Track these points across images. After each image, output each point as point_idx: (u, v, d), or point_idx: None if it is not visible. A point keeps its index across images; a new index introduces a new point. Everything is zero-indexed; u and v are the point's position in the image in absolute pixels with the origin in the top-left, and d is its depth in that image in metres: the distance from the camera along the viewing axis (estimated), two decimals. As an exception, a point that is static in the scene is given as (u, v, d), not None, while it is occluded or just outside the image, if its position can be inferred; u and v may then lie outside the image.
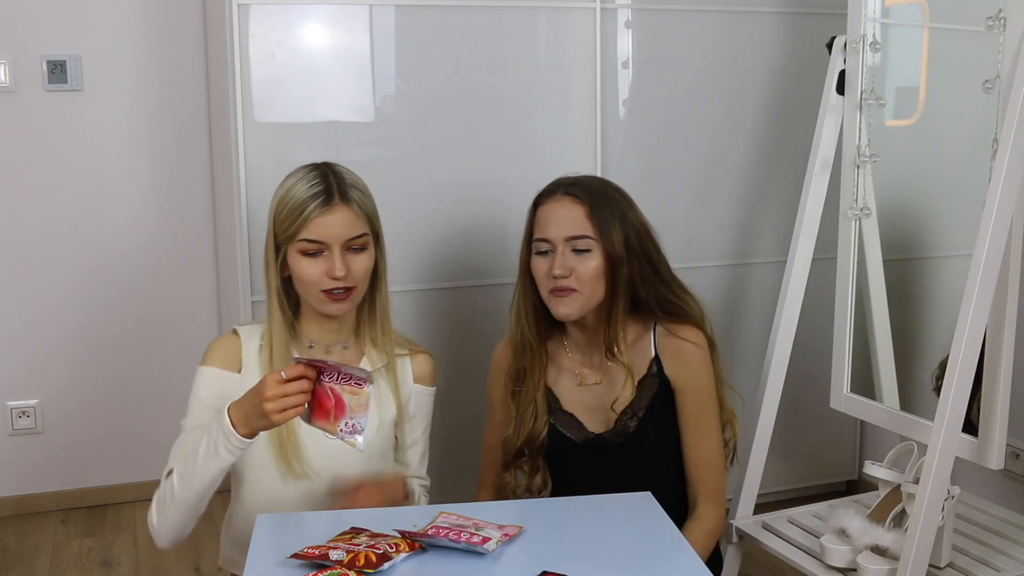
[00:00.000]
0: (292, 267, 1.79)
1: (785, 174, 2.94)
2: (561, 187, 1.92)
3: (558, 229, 1.88)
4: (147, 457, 3.11)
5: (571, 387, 1.99)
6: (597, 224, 1.86)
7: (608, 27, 2.75)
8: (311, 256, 1.77)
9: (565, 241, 1.87)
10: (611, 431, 1.95)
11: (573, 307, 1.88)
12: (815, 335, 2.56)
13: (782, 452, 2.90)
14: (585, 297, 1.88)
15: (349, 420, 1.56)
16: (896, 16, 2.26)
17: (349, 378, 1.55)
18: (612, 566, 1.49)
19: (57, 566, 2.93)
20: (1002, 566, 1.96)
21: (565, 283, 1.87)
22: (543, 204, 1.92)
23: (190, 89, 3.19)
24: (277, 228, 1.79)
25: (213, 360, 1.83)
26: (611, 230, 1.87)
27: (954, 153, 2.23)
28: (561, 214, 1.88)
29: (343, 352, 1.87)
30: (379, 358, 1.88)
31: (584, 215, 1.87)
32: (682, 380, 1.93)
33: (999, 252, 1.78)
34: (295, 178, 1.81)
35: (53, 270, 3.17)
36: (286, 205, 1.78)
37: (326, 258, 1.77)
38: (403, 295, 2.69)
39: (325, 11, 2.56)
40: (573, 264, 1.87)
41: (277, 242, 1.80)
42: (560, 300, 1.89)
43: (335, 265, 1.76)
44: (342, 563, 1.43)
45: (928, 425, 1.94)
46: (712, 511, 1.95)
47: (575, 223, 1.87)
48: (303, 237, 1.76)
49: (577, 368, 1.99)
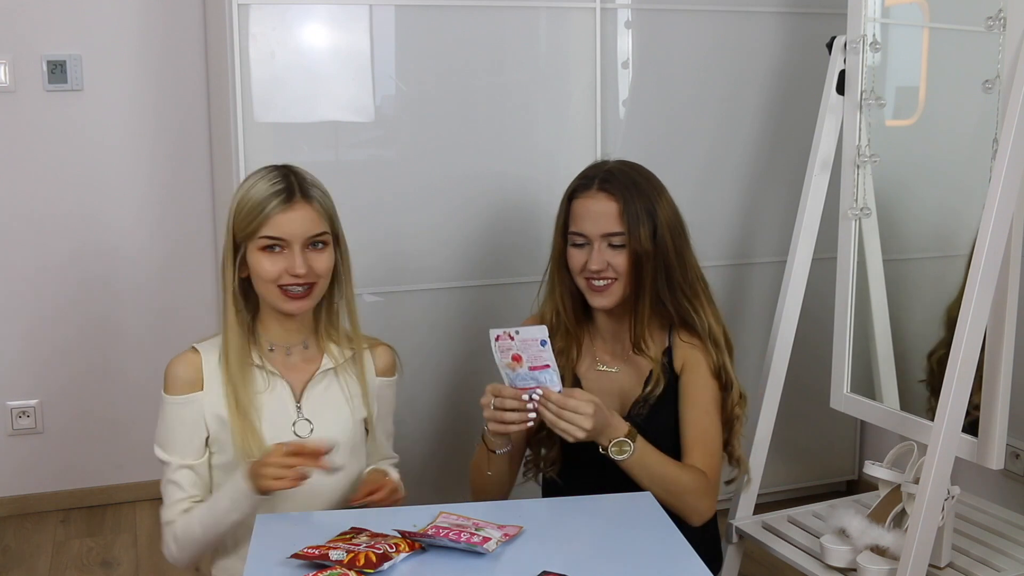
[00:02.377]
0: (252, 265, 1.79)
1: (785, 174, 2.93)
2: (595, 181, 1.95)
3: (594, 226, 1.92)
4: (147, 457, 3.07)
5: (591, 371, 2.03)
6: (627, 221, 1.91)
7: (608, 27, 2.75)
8: (271, 253, 1.78)
9: (602, 237, 1.92)
10: (624, 417, 1.96)
11: (609, 299, 1.94)
12: (815, 335, 2.56)
13: (782, 452, 2.90)
14: (622, 287, 1.94)
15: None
16: (896, 16, 2.26)
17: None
18: (612, 566, 1.49)
19: (57, 566, 2.93)
20: (1002, 566, 1.96)
21: (604, 275, 1.92)
22: (578, 198, 1.96)
23: (190, 89, 3.19)
24: (237, 226, 1.80)
25: (174, 387, 1.82)
26: (639, 226, 1.91)
27: (954, 153, 2.23)
28: (596, 210, 1.93)
29: (303, 351, 1.88)
30: (340, 355, 1.89)
31: (617, 212, 1.92)
32: (687, 361, 1.97)
33: (999, 252, 1.78)
34: (255, 178, 1.82)
35: (53, 270, 3.17)
36: (247, 203, 1.78)
37: (286, 256, 1.78)
38: (404, 295, 2.69)
39: (325, 11, 2.56)
40: (609, 258, 1.92)
41: (236, 241, 1.80)
42: (599, 293, 1.94)
43: (296, 262, 1.77)
44: (342, 563, 1.43)
45: (928, 425, 1.94)
46: (703, 482, 1.92)
47: (610, 220, 1.92)
48: (264, 234, 1.77)
49: (598, 354, 2.03)
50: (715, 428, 1.95)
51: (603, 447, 1.80)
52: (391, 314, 2.65)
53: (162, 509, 1.84)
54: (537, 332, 1.70)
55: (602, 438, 1.79)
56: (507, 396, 1.76)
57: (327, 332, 1.90)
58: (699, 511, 1.89)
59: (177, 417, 1.82)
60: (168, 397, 1.82)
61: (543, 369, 1.72)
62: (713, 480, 1.93)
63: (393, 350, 1.98)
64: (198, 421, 1.81)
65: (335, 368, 1.88)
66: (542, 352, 1.70)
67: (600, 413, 1.76)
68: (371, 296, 2.63)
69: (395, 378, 1.98)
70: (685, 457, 1.93)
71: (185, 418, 1.81)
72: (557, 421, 1.74)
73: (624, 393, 2.00)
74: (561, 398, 1.74)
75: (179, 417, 1.82)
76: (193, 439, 1.81)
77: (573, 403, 1.74)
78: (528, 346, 1.70)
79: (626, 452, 1.80)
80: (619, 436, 1.80)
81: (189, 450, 1.81)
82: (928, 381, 2.16)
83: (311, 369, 1.87)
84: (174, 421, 1.82)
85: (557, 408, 1.74)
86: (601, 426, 1.77)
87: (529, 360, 1.72)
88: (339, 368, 1.88)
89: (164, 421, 1.83)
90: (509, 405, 1.75)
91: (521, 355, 1.71)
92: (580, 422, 1.73)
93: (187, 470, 1.81)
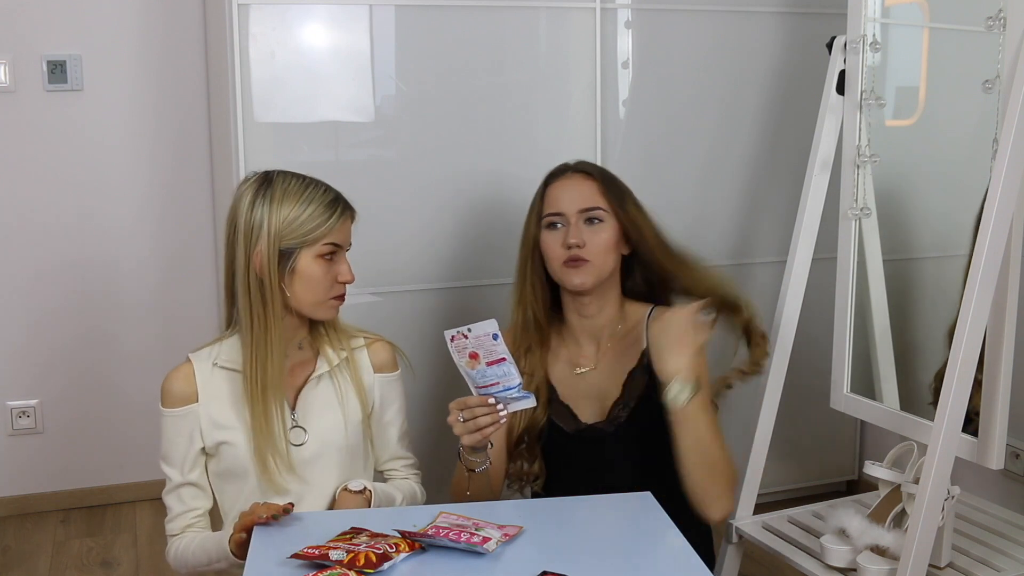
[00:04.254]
0: (304, 271, 1.78)
1: (785, 174, 2.94)
2: (571, 166, 2.01)
3: (571, 203, 1.95)
4: (147, 457, 3.09)
5: (567, 376, 2.02)
6: (609, 196, 1.95)
7: (608, 27, 2.75)
8: (327, 260, 1.80)
9: (578, 213, 1.94)
10: (603, 421, 1.97)
11: (587, 277, 1.94)
12: (815, 335, 2.56)
13: (782, 452, 2.90)
14: (598, 268, 1.94)
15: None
16: (896, 16, 2.26)
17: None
18: (612, 566, 1.49)
19: (57, 566, 2.93)
20: (1002, 566, 1.96)
21: (579, 253, 1.92)
22: (554, 182, 2.00)
23: (190, 89, 3.19)
24: (288, 233, 1.76)
25: (170, 400, 1.84)
26: (625, 202, 1.96)
27: (954, 153, 2.23)
28: (573, 188, 1.97)
29: (298, 352, 1.88)
30: (335, 355, 1.89)
31: (596, 189, 1.96)
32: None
33: (999, 252, 1.78)
34: (296, 184, 1.79)
35: (53, 270, 3.17)
36: (305, 209, 1.77)
37: (337, 263, 1.81)
38: (403, 295, 2.69)
39: (325, 11, 2.56)
40: (586, 236, 1.93)
41: (284, 247, 1.77)
42: (574, 271, 1.94)
43: (346, 270, 1.82)
44: (342, 563, 1.43)
45: (928, 425, 1.94)
46: (734, 475, 1.91)
47: (588, 196, 1.95)
48: (329, 240, 1.79)
49: (572, 356, 2.02)
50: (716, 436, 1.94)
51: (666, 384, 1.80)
52: (392, 314, 2.65)
53: (166, 519, 1.89)
54: (488, 327, 1.68)
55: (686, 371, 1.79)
56: (473, 405, 1.74)
57: (323, 333, 1.90)
58: (723, 501, 1.86)
59: (174, 429, 1.84)
60: (165, 410, 1.84)
61: (500, 363, 1.70)
62: (735, 481, 1.92)
63: (393, 345, 1.97)
64: (194, 431, 1.83)
65: (329, 371, 1.88)
66: (496, 346, 1.68)
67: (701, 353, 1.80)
68: (371, 296, 2.63)
69: (397, 373, 1.96)
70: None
71: (182, 429, 1.83)
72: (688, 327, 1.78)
73: (603, 395, 1.99)
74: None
75: (176, 429, 1.83)
76: (191, 450, 1.83)
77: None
78: (482, 342, 1.68)
79: (687, 394, 1.79)
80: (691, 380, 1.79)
81: (188, 463, 1.84)
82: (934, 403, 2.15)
83: (305, 374, 1.87)
84: (172, 433, 1.84)
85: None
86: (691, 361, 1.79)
87: (485, 356, 1.70)
88: (334, 371, 1.88)
89: (163, 435, 1.85)
90: (479, 412, 1.73)
91: (478, 352, 1.69)
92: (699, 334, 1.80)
93: (188, 486, 1.85)
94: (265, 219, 1.76)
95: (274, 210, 1.77)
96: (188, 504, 1.85)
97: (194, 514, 1.86)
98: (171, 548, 1.86)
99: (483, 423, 1.73)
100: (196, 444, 1.83)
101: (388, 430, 1.95)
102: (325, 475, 1.85)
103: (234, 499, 1.85)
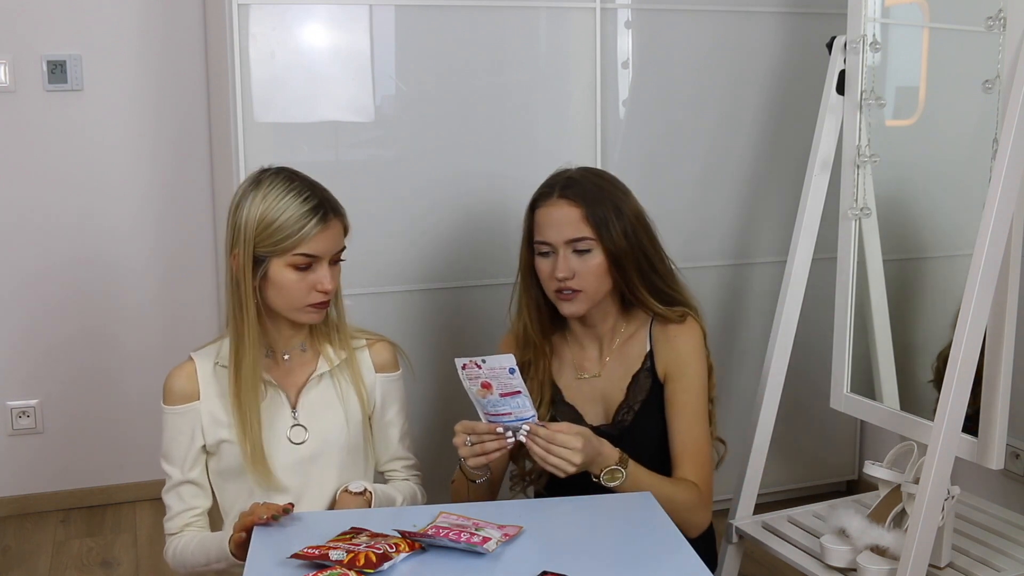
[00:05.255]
0: (275, 279, 1.76)
1: (785, 174, 2.94)
2: (556, 188, 1.93)
3: (557, 233, 1.90)
4: (147, 457, 3.10)
5: (571, 379, 2.02)
6: (594, 224, 1.89)
7: (608, 27, 2.75)
8: (299, 270, 1.76)
9: (565, 244, 1.90)
10: (609, 424, 1.97)
11: (580, 306, 1.92)
12: (815, 335, 2.56)
13: (782, 452, 2.90)
14: (590, 295, 1.92)
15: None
16: (896, 16, 2.26)
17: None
18: (612, 566, 1.49)
19: (57, 566, 2.93)
20: (1002, 566, 1.96)
21: (569, 284, 1.90)
22: (540, 207, 1.94)
23: (190, 89, 3.19)
24: (261, 241, 1.74)
25: (171, 398, 1.84)
26: (609, 226, 1.89)
27: (954, 153, 2.23)
28: (558, 217, 1.90)
29: (301, 354, 1.88)
30: (336, 356, 1.89)
31: (580, 217, 1.89)
32: (670, 367, 1.94)
33: (999, 252, 1.78)
34: (277, 190, 1.76)
35: (53, 269, 3.17)
36: (277, 217, 1.74)
37: (314, 271, 1.77)
38: (403, 295, 2.69)
39: (325, 11, 2.56)
40: (575, 266, 1.89)
41: (257, 255, 1.75)
42: (567, 301, 1.92)
43: (324, 279, 1.77)
44: (342, 563, 1.43)
45: (928, 425, 1.94)
46: (696, 497, 1.90)
47: (573, 226, 1.89)
48: (300, 251, 1.75)
49: (577, 361, 2.02)
50: (705, 436, 1.94)
51: (595, 476, 1.78)
52: (392, 314, 2.65)
53: (164, 518, 1.89)
54: (505, 361, 1.67)
55: (593, 467, 1.77)
56: (482, 432, 1.73)
57: (323, 334, 1.90)
58: (695, 524, 1.88)
59: (175, 427, 1.84)
60: (166, 408, 1.84)
61: (515, 395, 1.69)
62: (706, 492, 1.91)
63: (394, 345, 1.97)
64: (195, 429, 1.83)
65: (330, 371, 1.88)
66: (511, 379, 1.67)
67: (589, 445, 1.73)
68: (371, 296, 2.63)
69: (398, 373, 1.96)
70: (676, 468, 1.92)
71: (183, 427, 1.83)
72: (547, 457, 1.71)
73: (607, 399, 1.99)
74: (549, 434, 1.70)
75: (177, 427, 1.84)
76: (192, 448, 1.83)
77: (561, 438, 1.70)
78: (497, 375, 1.67)
79: (618, 479, 1.78)
80: (610, 464, 1.78)
81: (189, 461, 1.84)
82: (935, 381, 2.16)
83: (306, 373, 1.87)
84: (173, 431, 1.84)
85: (546, 444, 1.71)
86: (591, 457, 1.74)
87: (499, 388, 1.69)
88: (334, 371, 1.88)
89: (164, 432, 1.86)
90: (487, 439, 1.73)
91: (491, 382, 1.69)
92: (570, 456, 1.70)
93: (188, 484, 1.85)
94: (243, 222, 1.76)
95: (252, 214, 1.75)
96: (188, 503, 1.85)
97: (193, 513, 1.86)
98: (169, 547, 1.86)
99: (490, 448, 1.73)
100: (197, 442, 1.83)
101: (389, 430, 1.95)
102: (325, 474, 1.85)
103: (234, 498, 1.85)
